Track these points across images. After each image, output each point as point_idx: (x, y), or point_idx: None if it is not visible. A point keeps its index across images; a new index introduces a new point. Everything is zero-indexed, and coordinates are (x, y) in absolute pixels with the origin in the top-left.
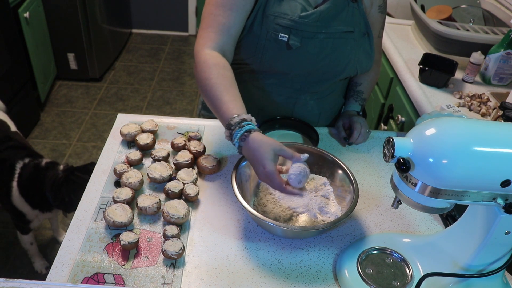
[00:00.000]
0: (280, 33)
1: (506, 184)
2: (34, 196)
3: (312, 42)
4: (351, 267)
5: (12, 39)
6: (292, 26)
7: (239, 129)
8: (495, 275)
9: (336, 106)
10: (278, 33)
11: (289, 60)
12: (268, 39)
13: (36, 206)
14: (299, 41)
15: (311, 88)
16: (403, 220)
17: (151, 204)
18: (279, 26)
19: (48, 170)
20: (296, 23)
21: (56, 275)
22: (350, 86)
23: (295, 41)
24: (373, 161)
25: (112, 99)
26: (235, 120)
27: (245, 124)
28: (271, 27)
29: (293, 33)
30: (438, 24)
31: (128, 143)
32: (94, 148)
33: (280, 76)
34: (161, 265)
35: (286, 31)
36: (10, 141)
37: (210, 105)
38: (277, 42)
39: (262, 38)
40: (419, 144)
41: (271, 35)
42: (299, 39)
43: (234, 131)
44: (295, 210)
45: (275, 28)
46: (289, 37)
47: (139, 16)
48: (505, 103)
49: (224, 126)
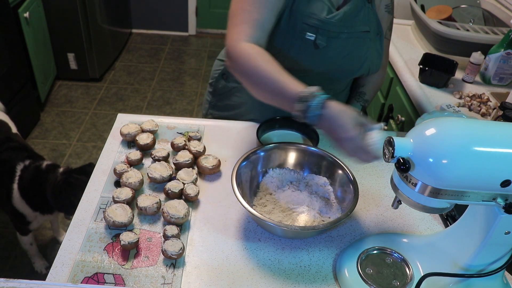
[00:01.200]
0: (308, 32)
1: (506, 184)
2: (35, 198)
3: (336, 42)
4: (351, 267)
5: (12, 39)
6: (319, 25)
7: (315, 98)
8: (495, 275)
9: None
10: (305, 32)
11: (314, 58)
12: (295, 38)
13: (37, 209)
14: (325, 41)
15: (329, 86)
16: (403, 220)
17: (151, 204)
18: (307, 25)
19: (48, 173)
20: (323, 23)
21: (56, 275)
22: (353, 87)
23: (322, 40)
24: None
25: (112, 99)
26: (306, 92)
27: (319, 94)
28: (298, 26)
29: (320, 32)
30: (438, 24)
31: (128, 143)
32: (94, 148)
33: (301, 73)
34: (161, 265)
35: (313, 30)
36: (11, 142)
37: (265, 91)
38: (304, 40)
39: (289, 36)
40: (419, 144)
41: (298, 34)
42: (325, 39)
43: (310, 101)
44: (295, 210)
45: (303, 27)
46: (316, 36)
47: (139, 16)
48: (505, 103)
49: (293, 102)
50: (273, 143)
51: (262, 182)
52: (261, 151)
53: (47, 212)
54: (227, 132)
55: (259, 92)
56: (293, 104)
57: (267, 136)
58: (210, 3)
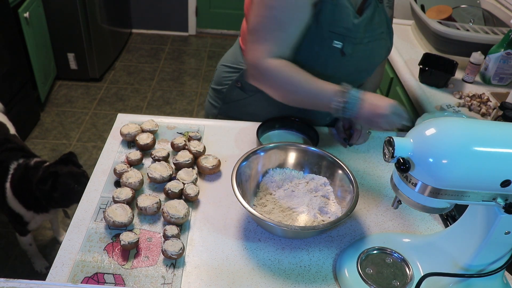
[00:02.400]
0: (335, 40)
1: (506, 184)
2: (26, 196)
3: (360, 47)
4: (351, 267)
5: (12, 39)
6: (346, 33)
7: (352, 91)
8: (495, 275)
9: None
10: (332, 40)
11: (340, 65)
12: (322, 46)
13: (30, 207)
14: (351, 48)
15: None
16: (403, 220)
17: (151, 204)
18: (334, 33)
19: (36, 169)
20: (350, 31)
21: (56, 275)
22: None
23: (349, 48)
24: (373, 161)
25: (112, 99)
26: (343, 89)
27: (353, 88)
28: (325, 35)
29: (347, 40)
30: (438, 24)
31: (128, 143)
32: (94, 148)
33: (325, 79)
34: (161, 265)
35: (340, 38)
36: (9, 143)
37: (302, 97)
38: (331, 49)
39: (316, 44)
40: (419, 144)
41: (325, 42)
42: (351, 46)
43: (349, 94)
44: (295, 210)
45: (330, 35)
46: (343, 44)
47: (139, 16)
48: (505, 103)
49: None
50: (273, 143)
51: (262, 182)
52: (261, 151)
53: (41, 210)
54: (227, 132)
55: (295, 99)
56: (331, 103)
57: (267, 136)
58: (210, 3)
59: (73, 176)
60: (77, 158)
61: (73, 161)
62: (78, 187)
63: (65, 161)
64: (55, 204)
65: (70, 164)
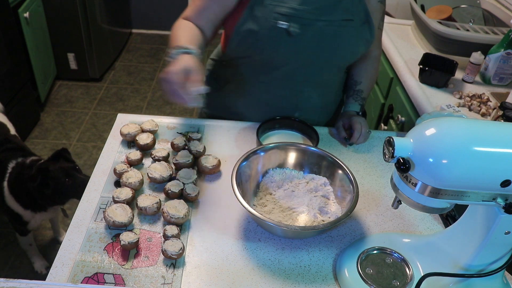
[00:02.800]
0: (279, 21)
1: (506, 184)
2: (22, 195)
3: (312, 30)
4: (351, 267)
5: (12, 39)
6: (291, 13)
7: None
8: (495, 275)
9: (336, 101)
10: (277, 21)
11: (289, 49)
12: (268, 28)
13: (27, 206)
14: (299, 28)
15: (313, 79)
16: (403, 220)
17: (151, 204)
18: (278, 14)
19: (31, 167)
20: (296, 11)
21: (56, 275)
22: (349, 84)
23: (295, 27)
24: (373, 161)
25: (112, 99)
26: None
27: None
28: (270, 16)
29: (292, 20)
30: (438, 24)
31: (128, 143)
32: (94, 148)
33: (282, 68)
34: (161, 265)
35: (285, 18)
36: (9, 144)
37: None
38: (277, 30)
39: (262, 27)
40: (419, 144)
41: (270, 23)
42: (299, 26)
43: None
44: (295, 210)
45: (274, 16)
46: (289, 24)
47: (139, 16)
48: (505, 103)
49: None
50: (273, 143)
51: (262, 182)
52: (261, 151)
53: (39, 209)
54: (227, 132)
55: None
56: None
57: (267, 136)
58: None
59: (63, 170)
60: (69, 154)
61: (65, 156)
62: (70, 181)
63: (56, 157)
64: (50, 201)
65: (61, 159)
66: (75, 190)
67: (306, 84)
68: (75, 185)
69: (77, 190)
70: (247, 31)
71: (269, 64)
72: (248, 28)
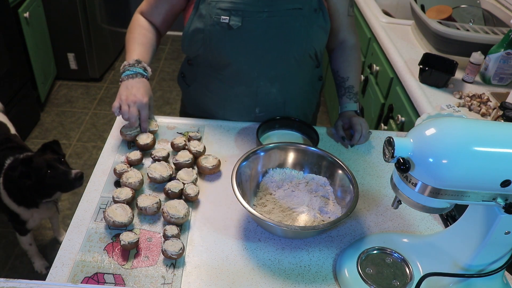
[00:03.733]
0: (222, 16)
1: (506, 184)
2: (14, 190)
3: (255, 22)
4: (351, 267)
5: (12, 39)
6: (231, 7)
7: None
8: (495, 275)
9: (304, 97)
10: (220, 17)
11: (236, 44)
12: (212, 25)
13: (20, 202)
14: (239, 21)
15: (268, 72)
16: (403, 220)
17: (151, 204)
18: (220, 10)
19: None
20: (236, 4)
21: (56, 275)
22: (338, 82)
23: (236, 21)
24: (373, 161)
25: (112, 99)
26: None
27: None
28: (213, 12)
29: (233, 14)
30: (438, 24)
31: (128, 143)
32: (94, 148)
33: (234, 64)
34: (161, 265)
35: (226, 13)
36: (9, 143)
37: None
38: (220, 25)
39: (207, 24)
40: (419, 144)
41: (214, 20)
42: (239, 19)
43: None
44: (295, 210)
45: (217, 12)
46: (229, 18)
47: None
48: (505, 103)
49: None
50: (273, 143)
51: (262, 182)
52: (261, 151)
53: (31, 205)
54: (227, 132)
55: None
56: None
57: (267, 136)
58: None
59: (45, 161)
60: (59, 146)
61: (52, 148)
62: (51, 173)
63: (44, 149)
64: (35, 193)
65: (48, 151)
66: (57, 182)
67: (261, 78)
68: (56, 176)
69: (59, 182)
70: (194, 30)
71: (220, 61)
72: (195, 27)
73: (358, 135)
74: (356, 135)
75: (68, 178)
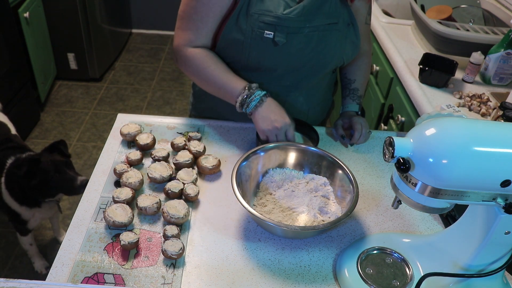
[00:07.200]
0: (266, 31)
1: (506, 184)
2: (16, 189)
3: (298, 37)
4: (351, 267)
5: (12, 39)
6: (276, 23)
7: (257, 90)
8: (495, 275)
9: (325, 103)
10: (263, 31)
11: (276, 56)
12: (254, 37)
13: (22, 202)
14: (284, 37)
15: (300, 84)
16: (403, 220)
17: (151, 204)
18: (264, 23)
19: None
20: (281, 20)
21: (56, 275)
22: (344, 84)
23: (281, 37)
24: (373, 161)
25: (112, 99)
26: (248, 88)
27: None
28: (255, 25)
29: (278, 29)
30: (438, 24)
31: (128, 143)
32: (94, 148)
33: (268, 73)
34: (161, 265)
35: (271, 28)
36: (10, 143)
37: (214, 89)
38: (263, 39)
39: (248, 36)
40: (419, 144)
41: (256, 33)
42: (284, 35)
43: (252, 95)
44: (295, 210)
45: (260, 25)
46: (274, 34)
47: (139, 16)
48: (505, 103)
49: (235, 96)
50: (273, 143)
51: (262, 182)
52: (261, 151)
53: (33, 205)
54: (227, 132)
55: (208, 88)
56: (235, 97)
57: None
58: None
59: (53, 164)
60: (66, 147)
61: (59, 149)
62: (59, 176)
63: (51, 149)
64: (37, 192)
65: (56, 152)
66: (62, 186)
67: (293, 88)
68: (63, 181)
69: (64, 186)
70: (233, 40)
71: (255, 69)
72: (234, 38)
73: (358, 134)
74: (356, 134)
75: (74, 185)
